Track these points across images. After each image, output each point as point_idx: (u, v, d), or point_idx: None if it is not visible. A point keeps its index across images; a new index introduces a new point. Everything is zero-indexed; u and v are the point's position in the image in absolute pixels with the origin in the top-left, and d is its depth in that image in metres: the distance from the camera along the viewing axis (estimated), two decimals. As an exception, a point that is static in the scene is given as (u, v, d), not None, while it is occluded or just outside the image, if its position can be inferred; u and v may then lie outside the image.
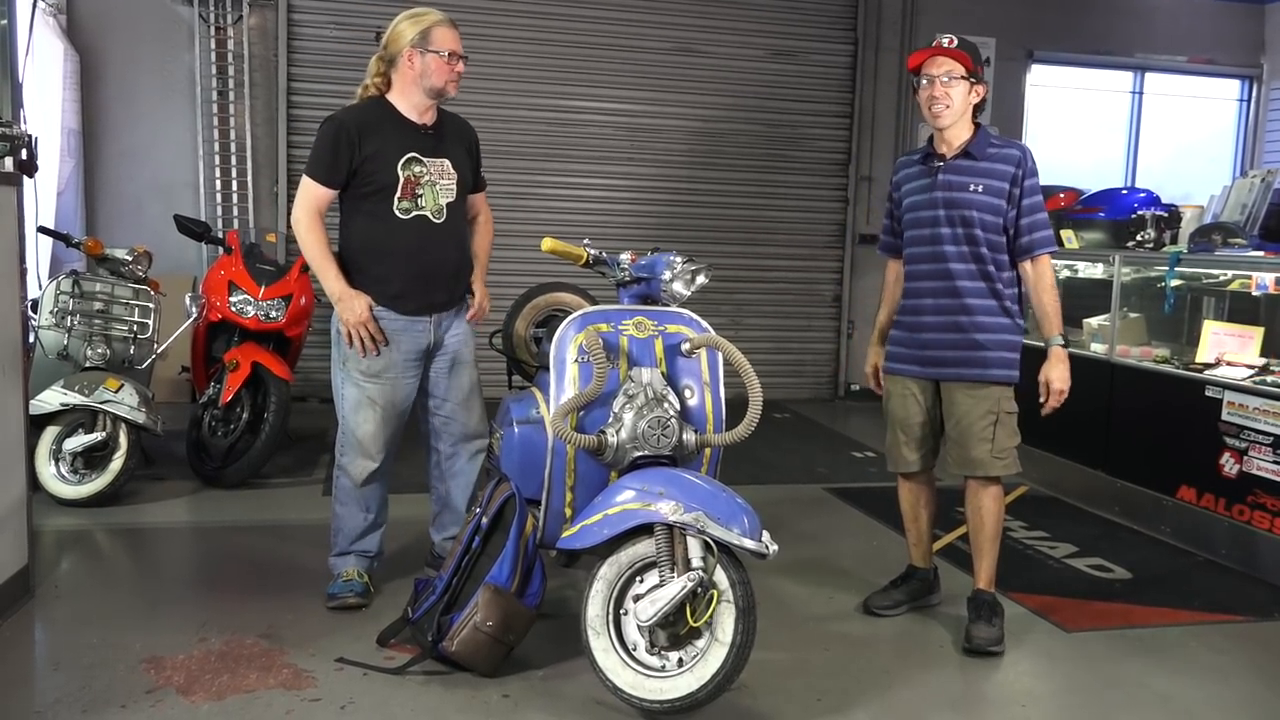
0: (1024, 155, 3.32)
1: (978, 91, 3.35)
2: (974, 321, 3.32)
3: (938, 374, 3.41)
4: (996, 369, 3.34)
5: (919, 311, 3.44)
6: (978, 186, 3.31)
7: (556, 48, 7.40)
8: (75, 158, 6.58)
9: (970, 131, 3.37)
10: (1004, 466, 3.37)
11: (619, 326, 3.05)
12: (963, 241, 3.32)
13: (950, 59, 3.29)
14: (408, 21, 3.33)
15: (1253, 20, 8.64)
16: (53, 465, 4.50)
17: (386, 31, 3.37)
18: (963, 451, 3.37)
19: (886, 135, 8.04)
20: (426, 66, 3.31)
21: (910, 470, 3.54)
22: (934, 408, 3.47)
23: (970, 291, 3.33)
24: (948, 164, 3.36)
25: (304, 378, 6.04)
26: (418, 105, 3.37)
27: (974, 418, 3.34)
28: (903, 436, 3.51)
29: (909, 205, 3.46)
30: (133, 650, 3.06)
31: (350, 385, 3.41)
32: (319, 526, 3.68)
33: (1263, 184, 5.18)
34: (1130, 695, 3.09)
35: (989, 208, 3.30)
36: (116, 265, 4.97)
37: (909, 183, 3.49)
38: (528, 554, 3.02)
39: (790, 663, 3.18)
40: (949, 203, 3.33)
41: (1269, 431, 4.11)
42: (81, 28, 6.72)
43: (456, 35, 3.37)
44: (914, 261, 3.47)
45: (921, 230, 3.41)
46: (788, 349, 8.02)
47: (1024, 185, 3.30)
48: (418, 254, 3.37)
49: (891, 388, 3.54)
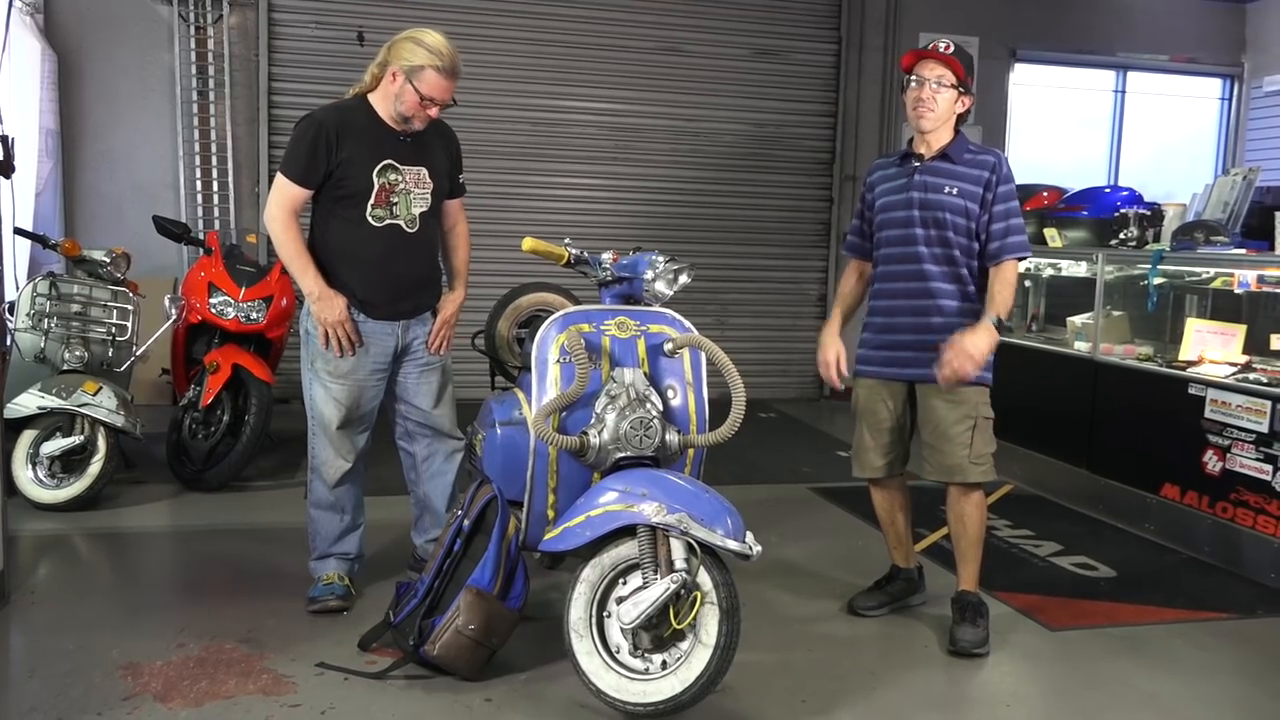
0: (999, 161, 3.32)
1: (964, 101, 3.35)
2: (947, 323, 3.29)
3: (910, 375, 3.38)
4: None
5: (892, 313, 3.41)
6: (952, 189, 3.30)
7: (540, 47, 7.37)
8: (54, 158, 6.51)
9: (951, 136, 3.38)
10: (982, 473, 3.34)
11: (601, 326, 3.03)
12: (935, 243, 3.31)
13: (943, 65, 3.29)
14: (413, 44, 3.24)
15: (1234, 19, 8.69)
16: (30, 469, 4.45)
17: (391, 40, 3.31)
18: (940, 458, 3.35)
19: (871, 135, 8.04)
20: (403, 93, 3.26)
21: (876, 477, 3.52)
22: (904, 412, 3.45)
23: (944, 293, 3.31)
24: (925, 165, 3.36)
25: (285, 379, 6.00)
26: (392, 117, 3.34)
27: (950, 423, 3.31)
28: (870, 440, 3.48)
29: (883, 205, 3.44)
30: (110, 657, 3.02)
31: (318, 385, 3.39)
32: (300, 530, 3.65)
33: (1244, 182, 5.19)
34: (1115, 694, 3.09)
35: (962, 210, 3.29)
36: (95, 267, 4.93)
37: (884, 183, 3.48)
38: (510, 556, 3.00)
39: (774, 664, 3.17)
40: (924, 204, 3.33)
41: (1251, 429, 4.12)
42: (59, 27, 6.65)
43: (450, 87, 3.28)
44: (887, 262, 3.44)
45: (895, 231, 3.39)
46: (772, 349, 8.02)
47: (998, 191, 3.29)
48: (387, 263, 3.35)
49: (861, 391, 3.51)
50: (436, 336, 3.52)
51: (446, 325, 3.55)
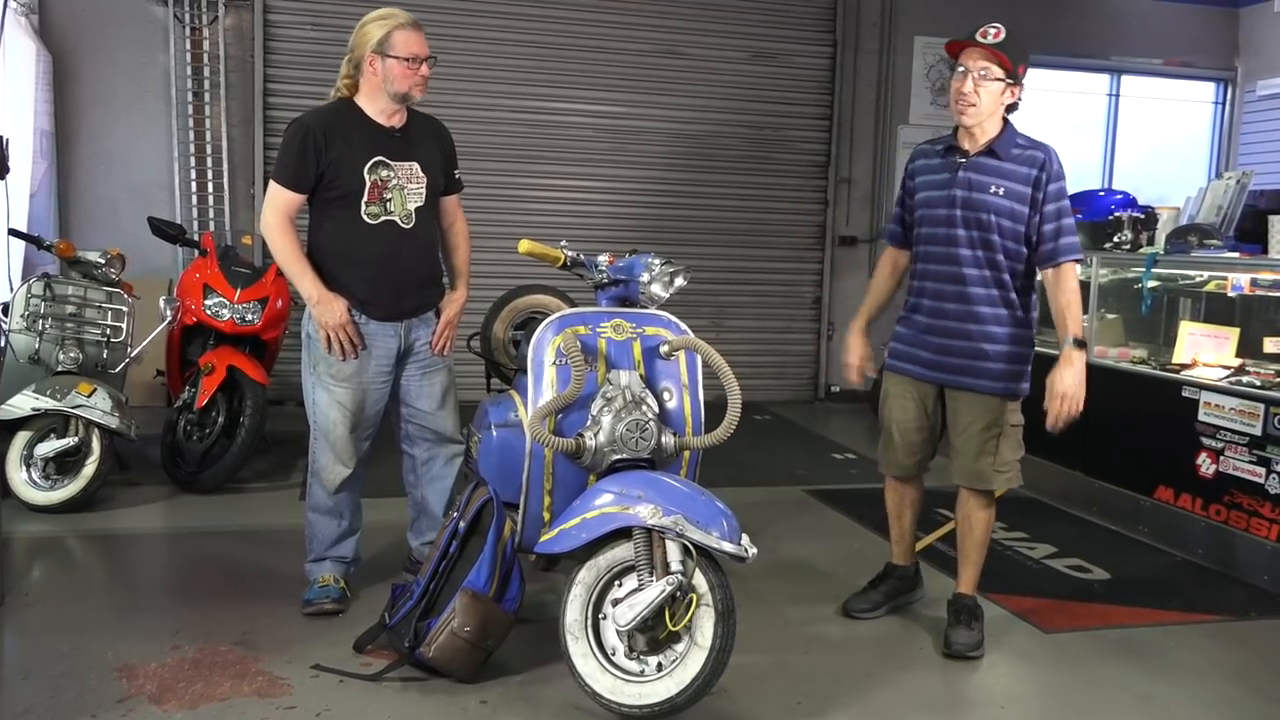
0: (1049, 157, 3.16)
1: (1013, 92, 3.17)
2: (984, 330, 3.21)
3: (942, 379, 3.31)
4: (1003, 381, 3.23)
5: (929, 313, 3.31)
6: (999, 189, 3.15)
7: (536, 49, 7.37)
8: (48, 159, 6.50)
9: (999, 128, 3.20)
10: (1006, 480, 3.30)
11: (597, 329, 3.03)
12: (978, 245, 3.18)
13: (988, 58, 3.11)
14: (371, 24, 3.27)
15: (1227, 24, 8.72)
16: (24, 471, 4.43)
17: (353, 33, 3.33)
18: (965, 462, 3.31)
19: (866, 137, 8.05)
20: (389, 72, 3.25)
21: (903, 475, 3.49)
22: (935, 412, 3.38)
23: (982, 299, 3.20)
24: (970, 161, 3.20)
25: (280, 381, 5.99)
26: (384, 109, 3.32)
27: (977, 429, 3.26)
28: (898, 440, 3.42)
29: (923, 200, 3.31)
30: (104, 659, 3.01)
31: (321, 390, 3.38)
32: (295, 531, 3.64)
33: (1237, 185, 5.22)
34: (1109, 696, 3.10)
35: (1008, 212, 3.15)
36: (89, 268, 4.92)
37: (926, 174, 3.32)
38: (506, 558, 3.00)
39: (770, 666, 3.17)
40: (967, 203, 3.19)
41: (1245, 432, 4.14)
42: (54, 28, 6.64)
43: (420, 37, 3.29)
44: (926, 260, 3.32)
45: (936, 229, 3.26)
46: (768, 351, 8.02)
47: (1048, 190, 3.13)
48: (386, 261, 3.34)
49: (891, 388, 3.43)
50: (440, 337, 3.51)
51: (450, 326, 3.54)
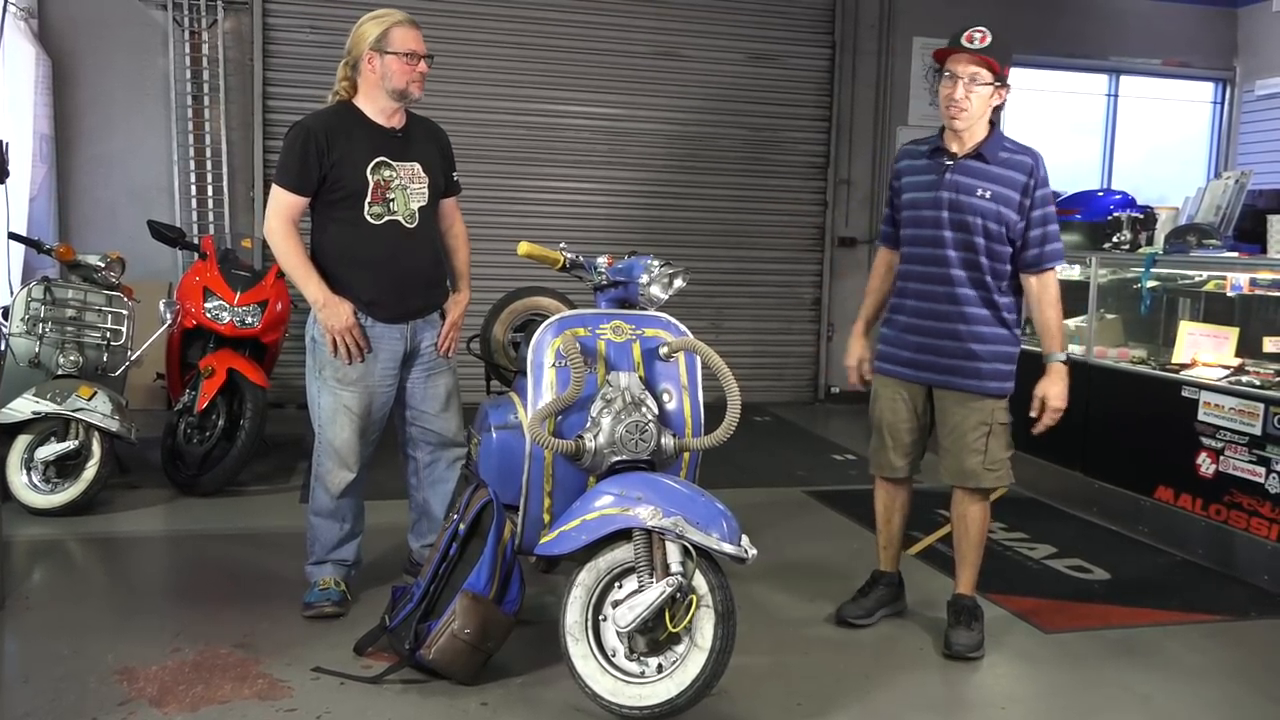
0: (1036, 163, 3.19)
1: (1000, 95, 3.19)
2: (971, 331, 3.23)
3: (930, 379, 3.33)
4: (991, 381, 3.25)
5: (914, 313, 3.33)
6: (985, 192, 3.17)
7: (534, 52, 7.37)
8: (48, 163, 6.51)
9: (986, 131, 3.22)
10: (996, 478, 3.32)
11: (596, 330, 3.03)
12: (963, 247, 3.21)
13: (976, 63, 3.14)
14: (368, 24, 3.29)
15: (1225, 24, 8.72)
16: (24, 474, 4.43)
17: (350, 35, 3.34)
18: (955, 462, 3.32)
19: (865, 139, 8.06)
20: (387, 69, 3.26)
21: (895, 476, 3.49)
22: (925, 412, 3.39)
23: (970, 299, 3.23)
24: (957, 163, 3.22)
25: (280, 384, 6.00)
26: (384, 109, 3.33)
27: (966, 428, 3.28)
28: (890, 441, 3.43)
29: (910, 201, 3.33)
30: (105, 661, 3.02)
31: (326, 393, 3.37)
32: (295, 534, 3.64)
33: (1236, 185, 5.22)
34: (1110, 696, 3.10)
35: (995, 215, 3.17)
36: (89, 271, 4.92)
37: (912, 175, 3.35)
38: (506, 560, 3.00)
39: (770, 667, 3.17)
40: (954, 205, 3.21)
41: (1245, 431, 4.14)
42: (53, 32, 6.64)
43: (417, 34, 3.31)
44: (911, 261, 3.34)
45: (923, 230, 3.29)
46: (768, 352, 8.02)
47: (1035, 196, 3.17)
48: (391, 261, 3.34)
49: (881, 389, 3.45)
50: (445, 339, 3.52)
51: (454, 328, 3.55)
